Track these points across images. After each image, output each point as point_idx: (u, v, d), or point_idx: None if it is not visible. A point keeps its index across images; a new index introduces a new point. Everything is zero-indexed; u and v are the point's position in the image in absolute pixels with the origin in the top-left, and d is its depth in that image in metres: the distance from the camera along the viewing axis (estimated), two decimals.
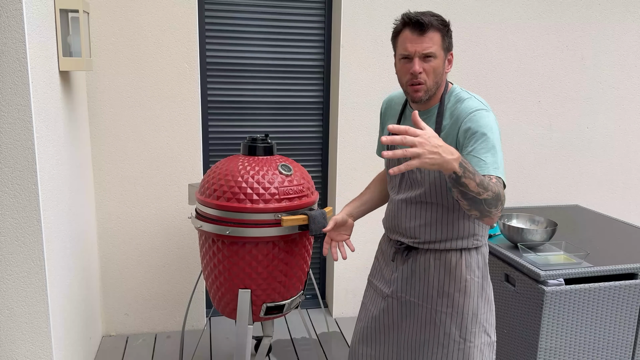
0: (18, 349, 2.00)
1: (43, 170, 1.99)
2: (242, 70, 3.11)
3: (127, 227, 2.97)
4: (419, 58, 1.56)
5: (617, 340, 2.25)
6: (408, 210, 1.73)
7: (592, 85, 3.46)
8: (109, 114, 2.84)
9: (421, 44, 1.54)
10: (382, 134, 1.87)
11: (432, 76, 1.57)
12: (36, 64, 1.93)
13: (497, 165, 1.51)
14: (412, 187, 1.70)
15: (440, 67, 1.57)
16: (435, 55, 1.55)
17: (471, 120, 1.54)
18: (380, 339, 1.84)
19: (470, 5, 3.15)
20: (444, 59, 1.58)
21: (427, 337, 1.73)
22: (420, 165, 1.28)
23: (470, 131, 1.54)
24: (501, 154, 1.54)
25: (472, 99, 1.60)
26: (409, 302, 1.77)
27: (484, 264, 1.74)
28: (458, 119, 1.58)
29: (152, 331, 3.13)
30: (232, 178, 2.09)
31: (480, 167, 1.50)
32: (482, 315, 1.72)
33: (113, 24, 2.76)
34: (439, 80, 1.59)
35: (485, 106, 1.58)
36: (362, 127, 3.15)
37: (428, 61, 1.56)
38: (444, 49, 1.57)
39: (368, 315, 1.87)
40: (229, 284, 2.14)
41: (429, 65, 1.56)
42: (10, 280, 1.96)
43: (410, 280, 1.76)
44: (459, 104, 1.60)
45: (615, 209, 3.68)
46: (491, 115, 1.56)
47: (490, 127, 1.53)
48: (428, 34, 1.54)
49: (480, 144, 1.52)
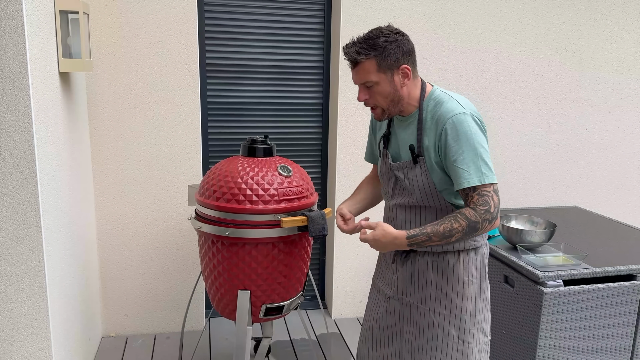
0: (18, 349, 2.00)
1: (43, 171, 1.99)
2: (242, 71, 3.11)
3: (126, 228, 2.97)
4: (361, 87, 1.63)
5: (615, 341, 2.26)
6: (403, 215, 1.75)
7: (590, 87, 3.47)
8: (108, 115, 2.84)
9: (356, 76, 1.62)
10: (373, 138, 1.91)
11: (381, 98, 1.62)
12: (36, 65, 1.94)
13: (481, 172, 1.53)
14: (404, 194, 1.72)
15: (387, 88, 1.60)
16: (373, 82, 1.59)
17: (450, 127, 1.55)
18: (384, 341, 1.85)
19: (469, 7, 3.15)
20: (389, 79, 1.59)
21: (426, 340, 1.74)
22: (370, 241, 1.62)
23: (449, 140, 1.55)
24: (486, 154, 1.55)
25: (452, 100, 1.60)
26: (408, 304, 1.78)
27: (482, 265, 1.75)
28: (437, 123, 1.59)
29: (152, 332, 3.13)
30: (231, 179, 2.09)
31: (465, 178, 1.54)
32: (480, 316, 1.73)
33: (113, 26, 2.76)
34: (395, 98, 1.62)
35: (464, 109, 1.57)
36: (362, 129, 3.15)
37: (370, 88, 1.61)
38: (384, 71, 1.58)
39: (373, 316, 1.89)
40: (228, 285, 2.15)
41: (373, 91, 1.62)
42: (10, 281, 1.96)
43: (410, 282, 1.77)
44: (439, 107, 1.60)
45: (614, 210, 3.69)
46: (468, 118, 1.55)
47: (468, 133, 1.54)
48: (360, 65, 1.59)
49: (460, 155, 1.54)
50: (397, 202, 1.75)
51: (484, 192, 1.53)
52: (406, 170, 1.68)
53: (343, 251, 3.28)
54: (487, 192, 1.54)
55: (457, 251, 1.70)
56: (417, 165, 1.64)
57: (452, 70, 3.21)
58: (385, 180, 1.79)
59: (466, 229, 1.53)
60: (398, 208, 1.75)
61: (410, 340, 1.77)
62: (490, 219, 1.53)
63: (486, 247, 1.77)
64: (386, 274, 1.86)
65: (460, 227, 1.52)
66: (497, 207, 1.54)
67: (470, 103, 1.63)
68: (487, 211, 1.52)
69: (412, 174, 1.66)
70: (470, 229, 1.53)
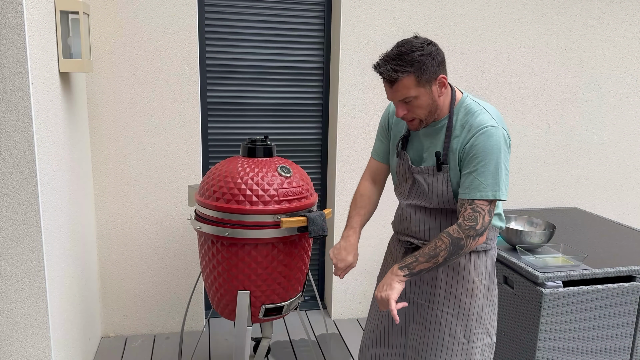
0: (17, 349, 2.00)
1: (43, 171, 1.99)
2: (242, 72, 3.11)
3: (126, 229, 2.97)
4: (399, 103, 1.60)
5: (614, 342, 2.26)
6: (417, 215, 1.75)
7: (590, 88, 3.47)
8: (109, 116, 2.84)
9: (395, 93, 1.58)
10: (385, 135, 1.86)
11: (420, 111, 1.60)
12: (36, 65, 1.94)
13: (498, 187, 1.55)
14: (421, 197, 1.72)
15: (426, 101, 1.58)
16: (413, 96, 1.56)
17: (479, 139, 1.55)
18: (388, 341, 1.85)
19: (469, 8, 3.16)
20: (428, 91, 1.57)
21: (431, 339, 1.74)
22: (391, 306, 1.57)
23: (475, 150, 1.56)
24: (506, 172, 1.56)
25: (483, 112, 1.59)
26: (415, 304, 1.78)
27: (492, 266, 1.75)
28: (468, 132, 1.58)
29: (151, 332, 3.13)
30: (231, 180, 2.09)
31: (479, 190, 1.55)
32: (486, 317, 1.74)
33: (113, 26, 2.77)
34: (433, 108, 1.61)
35: (495, 121, 1.57)
36: (362, 129, 3.15)
37: (410, 103, 1.58)
38: (424, 84, 1.55)
39: (377, 316, 1.89)
40: (228, 285, 2.15)
41: (412, 105, 1.59)
42: (10, 282, 1.96)
43: (419, 281, 1.78)
44: (470, 117, 1.60)
45: (613, 211, 3.69)
46: (499, 132, 1.55)
47: (495, 148, 1.54)
48: (398, 83, 1.55)
49: (482, 167, 1.55)
50: (412, 202, 1.75)
51: (478, 208, 1.55)
52: (427, 175, 1.67)
53: None
54: (482, 209, 1.55)
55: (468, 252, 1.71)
56: (440, 173, 1.63)
57: (452, 71, 3.21)
58: (402, 180, 1.77)
59: (449, 246, 1.55)
60: (412, 208, 1.75)
61: (415, 340, 1.78)
62: (474, 235, 1.55)
63: (495, 251, 1.77)
64: None
65: (444, 244, 1.55)
66: (484, 226, 1.56)
67: (500, 115, 1.63)
68: (471, 227, 1.54)
69: (433, 180, 1.66)
70: (454, 245, 1.55)
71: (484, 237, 1.59)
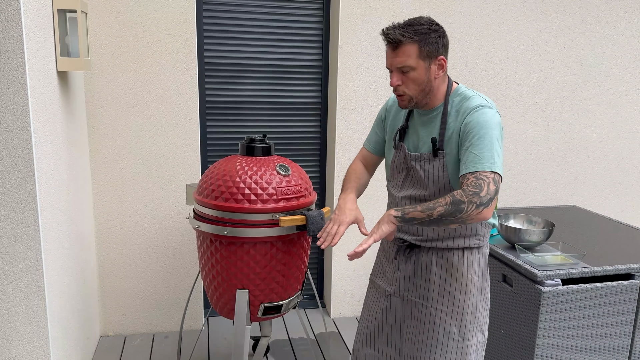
0: (16, 349, 2.00)
1: (41, 170, 1.98)
2: (241, 70, 3.11)
3: (125, 227, 2.97)
4: (396, 71, 1.62)
5: (613, 341, 2.26)
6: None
7: (589, 86, 3.47)
8: (107, 114, 2.84)
9: (395, 59, 1.60)
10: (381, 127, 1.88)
11: (413, 86, 1.61)
12: (34, 64, 1.93)
13: (493, 161, 1.53)
14: (416, 186, 1.72)
15: (422, 77, 1.60)
16: (411, 67, 1.58)
17: (472, 116, 1.57)
18: (383, 340, 1.85)
19: (467, 6, 3.15)
20: (426, 67, 1.59)
21: (426, 337, 1.74)
22: (378, 238, 1.57)
23: (470, 126, 1.57)
24: (500, 150, 1.57)
25: (477, 96, 1.63)
26: (410, 302, 1.78)
27: (485, 263, 1.76)
28: (462, 116, 1.61)
29: (150, 331, 3.13)
30: (230, 178, 2.09)
31: (475, 163, 1.53)
32: (480, 314, 1.74)
33: (111, 24, 2.76)
34: (425, 88, 1.62)
35: (489, 103, 1.61)
36: (360, 128, 3.15)
37: (406, 74, 1.60)
38: (424, 58, 1.58)
39: (371, 315, 1.88)
40: (226, 284, 2.15)
41: (407, 77, 1.60)
42: (8, 281, 1.96)
43: (412, 279, 1.77)
44: (464, 101, 1.63)
45: (612, 209, 3.69)
46: (494, 112, 1.58)
47: (490, 124, 1.56)
48: (401, 48, 1.58)
49: (477, 140, 1.55)
50: (406, 193, 1.74)
51: (481, 176, 1.52)
52: (423, 162, 1.68)
53: (342, 250, 3.28)
54: (485, 177, 1.51)
55: (461, 248, 1.71)
56: (437, 159, 1.65)
57: (451, 69, 3.21)
58: (395, 172, 1.78)
59: (448, 205, 1.50)
60: (407, 200, 1.74)
61: (410, 338, 1.78)
62: (477, 203, 1.49)
63: (487, 248, 1.78)
64: (387, 271, 1.86)
65: (444, 201, 1.51)
66: (489, 195, 1.50)
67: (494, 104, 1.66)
68: (475, 194, 1.49)
69: (429, 166, 1.67)
70: (454, 205, 1.49)
71: (487, 213, 1.51)
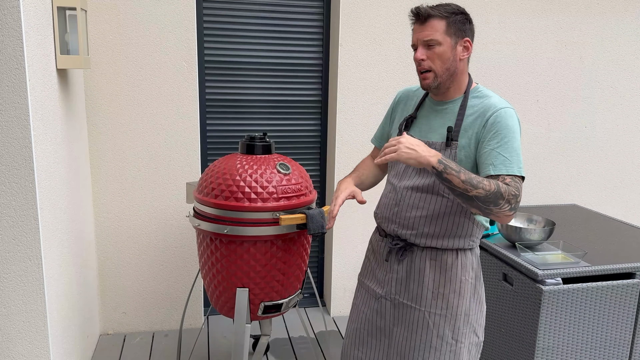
0: (15, 347, 2.00)
1: (40, 168, 1.98)
2: (241, 68, 3.10)
3: (124, 226, 2.97)
4: (422, 46, 1.62)
5: (614, 340, 2.26)
6: (412, 199, 1.70)
7: (590, 85, 3.46)
8: (106, 112, 2.83)
9: (422, 32, 1.61)
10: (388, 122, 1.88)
11: (439, 62, 1.60)
12: (33, 61, 1.93)
13: (521, 166, 1.56)
14: (420, 175, 1.68)
15: (448, 53, 1.60)
16: (437, 41, 1.59)
17: (499, 116, 1.58)
18: (372, 343, 1.82)
19: (468, 4, 3.15)
20: (452, 45, 1.60)
21: (418, 342, 1.71)
22: (397, 158, 1.47)
23: (497, 127, 1.57)
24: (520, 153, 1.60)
25: (497, 97, 1.64)
26: (402, 305, 1.75)
27: (478, 265, 1.74)
28: (484, 113, 1.60)
29: (150, 330, 3.12)
30: (230, 177, 2.09)
31: (506, 166, 1.54)
32: (473, 316, 1.72)
33: (111, 22, 2.75)
34: (450, 67, 1.61)
35: (510, 106, 1.62)
36: (361, 126, 3.15)
37: (432, 48, 1.60)
38: (451, 35, 1.59)
39: (360, 317, 1.85)
40: (226, 282, 2.14)
41: (433, 52, 1.60)
42: (8, 279, 1.95)
43: (405, 282, 1.74)
44: (485, 99, 1.63)
45: (613, 208, 3.69)
46: (515, 114, 1.60)
47: (515, 128, 1.58)
48: (429, 22, 1.59)
49: (506, 143, 1.56)
50: (409, 183, 1.70)
51: (517, 180, 1.53)
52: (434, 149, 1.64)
53: (342, 249, 3.28)
54: (519, 182, 1.54)
55: (455, 249, 1.69)
56: (449, 149, 1.63)
57: None
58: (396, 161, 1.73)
59: (490, 192, 1.46)
60: (409, 191, 1.70)
61: (401, 343, 1.74)
62: (512, 206, 1.49)
63: (478, 249, 1.77)
64: (377, 273, 1.82)
65: (488, 186, 1.47)
66: (519, 201, 1.52)
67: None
68: (515, 197, 1.49)
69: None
70: (494, 195, 1.47)
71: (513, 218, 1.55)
